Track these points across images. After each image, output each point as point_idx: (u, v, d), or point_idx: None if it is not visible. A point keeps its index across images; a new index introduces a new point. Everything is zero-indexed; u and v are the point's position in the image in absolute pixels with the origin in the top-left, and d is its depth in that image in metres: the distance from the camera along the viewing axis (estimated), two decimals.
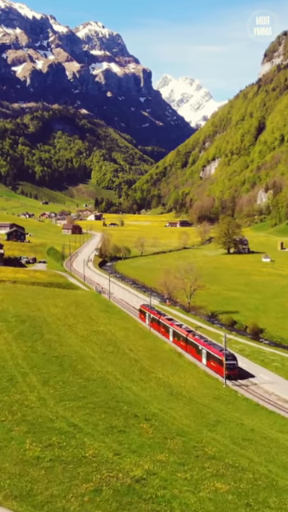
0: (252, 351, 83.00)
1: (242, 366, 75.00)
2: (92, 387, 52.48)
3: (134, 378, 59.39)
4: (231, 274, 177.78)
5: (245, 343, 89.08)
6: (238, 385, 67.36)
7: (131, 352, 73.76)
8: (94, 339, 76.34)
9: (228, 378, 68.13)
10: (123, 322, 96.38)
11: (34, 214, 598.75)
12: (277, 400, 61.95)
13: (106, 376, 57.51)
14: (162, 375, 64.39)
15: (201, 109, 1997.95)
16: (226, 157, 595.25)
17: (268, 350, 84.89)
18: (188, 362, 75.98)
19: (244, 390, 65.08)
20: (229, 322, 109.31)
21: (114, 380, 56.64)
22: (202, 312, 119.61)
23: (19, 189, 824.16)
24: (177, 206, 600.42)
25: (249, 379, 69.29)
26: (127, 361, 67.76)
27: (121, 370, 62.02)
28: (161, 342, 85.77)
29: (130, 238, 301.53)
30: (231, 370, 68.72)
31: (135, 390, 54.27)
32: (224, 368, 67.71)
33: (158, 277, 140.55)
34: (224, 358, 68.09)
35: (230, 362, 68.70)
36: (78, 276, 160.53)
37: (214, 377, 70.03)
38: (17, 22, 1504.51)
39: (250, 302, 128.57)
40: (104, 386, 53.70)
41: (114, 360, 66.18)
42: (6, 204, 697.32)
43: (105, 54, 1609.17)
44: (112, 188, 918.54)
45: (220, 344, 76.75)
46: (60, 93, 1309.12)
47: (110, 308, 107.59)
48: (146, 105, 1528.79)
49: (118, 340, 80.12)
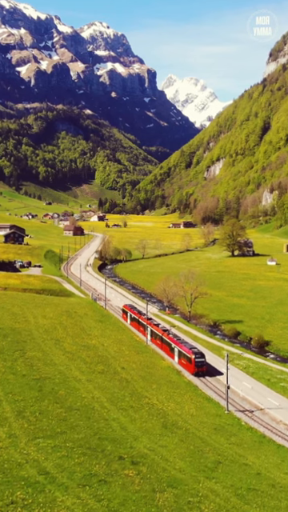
0: (257, 368, 75.72)
1: (247, 386, 67.99)
2: (73, 419, 45.55)
3: (124, 406, 52.27)
4: (235, 278, 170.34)
5: (249, 358, 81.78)
6: (242, 410, 60.21)
7: (123, 371, 66.61)
8: (82, 356, 69.25)
9: (196, 374, 71.72)
10: (118, 334, 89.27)
11: (37, 215, 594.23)
12: (286, 430, 54.77)
13: (91, 404, 50.47)
14: (156, 400, 57.22)
15: (205, 109, 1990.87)
16: (230, 157, 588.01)
17: (275, 367, 77.59)
18: (186, 382, 68.84)
19: (248, 418, 57.93)
20: (232, 333, 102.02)
21: (100, 409, 49.59)
22: (204, 321, 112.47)
23: (23, 189, 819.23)
24: (181, 207, 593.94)
25: (255, 405, 62.14)
26: (118, 383, 60.62)
27: (109, 394, 54.94)
28: (158, 358, 78.62)
29: (132, 240, 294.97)
30: (199, 367, 71.93)
31: (123, 422, 47.23)
32: (193, 365, 71.62)
33: (158, 281, 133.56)
34: (193, 355, 71.80)
35: (199, 360, 71.79)
36: (75, 281, 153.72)
37: (215, 400, 62.96)
38: (21, 23, 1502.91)
39: (255, 310, 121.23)
40: (87, 416, 46.75)
41: (102, 382, 59.06)
42: (9, 205, 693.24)
43: (109, 55, 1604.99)
44: (116, 188, 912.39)
45: (192, 343, 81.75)
46: (64, 93, 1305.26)
47: (104, 318, 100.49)
48: (151, 105, 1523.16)
49: (111, 356, 73.00)
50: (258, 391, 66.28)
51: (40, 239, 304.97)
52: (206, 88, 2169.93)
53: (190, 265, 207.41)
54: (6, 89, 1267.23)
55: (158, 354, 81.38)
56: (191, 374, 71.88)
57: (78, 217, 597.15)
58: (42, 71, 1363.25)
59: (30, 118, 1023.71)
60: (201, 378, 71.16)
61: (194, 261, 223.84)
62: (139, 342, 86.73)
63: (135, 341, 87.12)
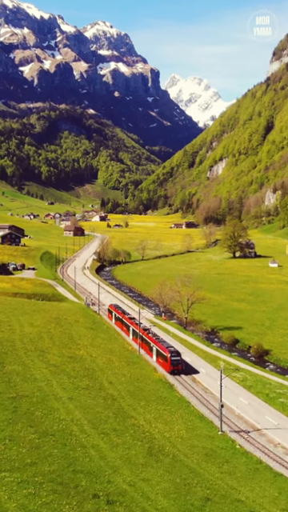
0: (255, 381, 70.93)
1: (244, 402, 63.31)
2: (47, 447, 40.93)
3: (106, 429, 47.55)
4: (236, 281, 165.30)
5: (247, 370, 76.98)
6: (237, 431, 55.41)
7: (110, 386, 61.91)
8: (67, 369, 64.58)
9: (172, 372, 72.96)
10: (109, 343, 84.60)
11: (39, 215, 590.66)
12: (284, 455, 49.99)
13: (70, 427, 45.79)
14: (142, 420, 52.50)
15: (209, 109, 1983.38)
16: (233, 157, 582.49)
17: (274, 380, 72.79)
18: (178, 398, 64.09)
19: (244, 440, 53.13)
20: (230, 341, 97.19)
21: (79, 433, 44.90)
22: (201, 327, 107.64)
23: (25, 189, 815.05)
24: (183, 207, 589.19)
25: (251, 424, 57.34)
26: (102, 400, 55.90)
27: (91, 415, 50.21)
28: (149, 370, 73.81)
29: (132, 240, 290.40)
30: (175, 366, 73.11)
31: (103, 449, 42.55)
32: (169, 363, 72.97)
33: (156, 284, 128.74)
34: (169, 354, 73.11)
35: (174, 358, 72.95)
36: (71, 284, 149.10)
37: (208, 419, 58.20)
38: (24, 22, 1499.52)
39: (255, 315, 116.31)
40: (63, 443, 42.11)
41: (85, 400, 54.33)
42: (11, 204, 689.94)
43: (112, 54, 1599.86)
44: (119, 188, 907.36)
45: (170, 342, 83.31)
46: (67, 93, 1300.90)
47: (96, 324, 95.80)
48: (154, 105, 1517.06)
49: (98, 368, 68.30)
50: (256, 408, 61.57)
51: (39, 240, 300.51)
52: (209, 88, 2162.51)
53: (189, 267, 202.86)
54: (9, 88, 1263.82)
55: (150, 365, 76.64)
56: (167, 373, 73.27)
57: (80, 217, 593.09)
58: (45, 71, 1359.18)
59: (33, 118, 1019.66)
60: (194, 394, 66.43)
61: (194, 262, 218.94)
62: (131, 352, 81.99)
63: (127, 350, 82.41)
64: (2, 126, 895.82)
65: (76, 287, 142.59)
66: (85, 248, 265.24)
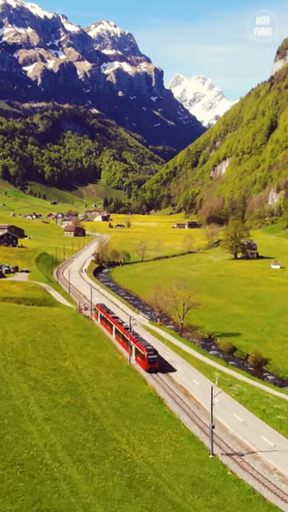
0: (252, 395, 66.17)
1: (238, 419, 58.63)
2: (12, 479, 36.54)
3: (83, 455, 42.97)
4: (236, 283, 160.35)
5: (244, 382, 72.20)
6: (230, 454, 50.72)
7: (94, 402, 57.33)
8: (48, 383, 60.11)
9: (149, 371, 73.90)
10: (98, 352, 79.98)
11: (42, 215, 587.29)
12: (280, 483, 45.32)
13: (42, 454, 41.32)
14: (125, 443, 47.91)
15: (213, 108, 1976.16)
16: (236, 156, 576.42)
17: (272, 394, 68.00)
18: (168, 415, 59.37)
19: (236, 465, 48.43)
20: (227, 349, 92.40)
21: (51, 461, 40.45)
22: (198, 334, 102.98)
23: (28, 189, 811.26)
24: (186, 207, 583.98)
25: (246, 446, 52.63)
26: (83, 420, 51.31)
27: (68, 439, 45.68)
28: (139, 383, 69.15)
29: (134, 241, 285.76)
30: (152, 364, 74.06)
31: (76, 481, 38.05)
32: (146, 361, 73.94)
33: (153, 287, 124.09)
34: (146, 352, 74.11)
35: (151, 357, 74.14)
36: (65, 287, 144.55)
37: (199, 440, 53.55)
38: (28, 22, 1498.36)
39: (255, 320, 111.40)
40: (31, 475, 37.70)
41: (63, 421, 49.77)
42: (13, 204, 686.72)
43: (116, 54, 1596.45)
44: (122, 188, 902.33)
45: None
46: (71, 92, 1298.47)
47: (87, 331, 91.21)
48: (158, 104, 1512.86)
49: (83, 382, 63.74)
50: (251, 426, 56.86)
51: (39, 240, 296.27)
52: (213, 87, 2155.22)
53: (189, 268, 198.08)
54: (13, 88, 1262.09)
55: (140, 377, 72.00)
56: (145, 371, 74.19)
57: (82, 217, 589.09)
58: (49, 70, 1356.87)
59: (36, 118, 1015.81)
60: (185, 410, 61.77)
61: (194, 264, 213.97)
62: (121, 362, 77.29)
63: (117, 360, 77.73)
64: (5, 126, 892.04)
65: (70, 290, 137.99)
66: (84, 249, 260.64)
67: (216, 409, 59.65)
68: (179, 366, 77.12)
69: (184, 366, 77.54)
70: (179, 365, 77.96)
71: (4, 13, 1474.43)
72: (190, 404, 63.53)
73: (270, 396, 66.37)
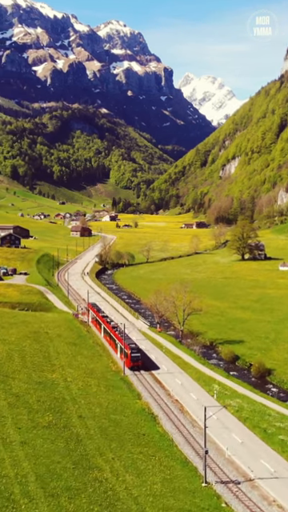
0: (253, 411, 61.23)
1: (236, 440, 53.71)
2: None
3: (58, 488, 38.15)
4: (242, 286, 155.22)
5: (244, 395, 67.25)
6: (225, 481, 45.77)
7: (79, 421, 52.56)
8: (31, 399, 55.44)
9: (132, 368, 74.74)
10: (91, 362, 75.27)
11: (50, 215, 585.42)
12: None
13: (10, 487, 36.75)
14: (109, 472, 43.07)
15: (223, 107, 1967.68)
16: (246, 155, 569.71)
17: (274, 409, 63.03)
18: (161, 434, 54.49)
19: (232, 495, 43.44)
20: (229, 358, 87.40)
21: (20, 497, 35.82)
22: (199, 340, 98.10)
23: (37, 189, 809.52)
24: (195, 207, 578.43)
25: (243, 473, 47.68)
26: (64, 444, 46.53)
27: (44, 467, 40.97)
28: (132, 397, 64.32)
29: (140, 241, 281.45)
30: (135, 362, 75.09)
31: None
32: (129, 359, 75.04)
33: (158, 289, 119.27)
34: (129, 350, 75.41)
35: (134, 355, 75.19)
36: (65, 289, 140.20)
37: (192, 464, 48.66)
38: (38, 22, 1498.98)
39: (259, 326, 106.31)
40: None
41: (42, 445, 45.07)
42: (22, 204, 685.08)
43: (126, 53, 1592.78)
44: (130, 188, 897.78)
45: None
46: (80, 92, 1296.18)
47: (81, 339, 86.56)
48: (167, 104, 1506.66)
49: (70, 397, 59.05)
50: (250, 448, 51.92)
51: (44, 241, 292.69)
52: (223, 86, 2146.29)
53: (195, 270, 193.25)
54: (23, 88, 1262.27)
55: (135, 390, 67.23)
56: (128, 368, 74.90)
57: (90, 217, 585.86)
58: (58, 70, 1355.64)
59: (45, 117, 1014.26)
60: (180, 428, 56.90)
61: (200, 265, 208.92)
62: (115, 373, 72.39)
63: (110, 371, 72.87)
64: (15, 126, 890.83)
65: (69, 294, 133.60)
66: (89, 249, 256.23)
67: (213, 427, 55.07)
68: (177, 378, 72.37)
69: (182, 378, 72.74)
70: (177, 376, 73.21)
71: (14, 13, 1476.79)
72: (185, 421, 58.71)
73: (272, 413, 61.38)
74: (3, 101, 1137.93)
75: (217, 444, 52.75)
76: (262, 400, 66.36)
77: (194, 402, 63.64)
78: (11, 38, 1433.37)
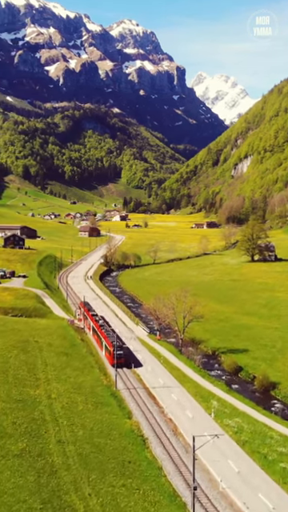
0: (253, 433, 55.56)
1: (233, 468, 48.06)
2: None
3: None
4: (250, 289, 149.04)
5: (245, 413, 61.53)
6: None
7: (58, 448, 47.18)
8: (6, 422, 50.18)
9: (114, 365, 73.11)
10: (81, 374, 69.84)
11: (60, 215, 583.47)
12: None
13: None
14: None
15: (236, 106, 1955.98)
16: (258, 154, 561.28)
17: (277, 431, 57.26)
18: (149, 460, 48.92)
19: None
20: (232, 369, 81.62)
21: None
22: (201, 349, 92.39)
23: (48, 188, 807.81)
24: (206, 206, 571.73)
25: (238, 511, 42.05)
26: (34, 477, 41.19)
27: (5, 508, 35.77)
28: (121, 416, 58.73)
29: (149, 241, 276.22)
30: (118, 359, 74.07)
31: None
32: (112, 356, 74.83)
33: (162, 292, 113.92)
34: (112, 348, 75.42)
35: (118, 352, 74.77)
36: (65, 293, 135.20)
37: (182, 499, 43.04)
38: (51, 22, 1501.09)
39: (266, 333, 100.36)
40: None
41: (8, 479, 39.80)
42: (33, 204, 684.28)
43: (138, 52, 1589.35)
44: (142, 187, 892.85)
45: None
46: (92, 92, 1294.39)
47: (73, 348, 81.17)
48: (180, 103, 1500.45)
49: (52, 417, 53.73)
50: (247, 479, 46.25)
51: (51, 241, 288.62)
52: (236, 85, 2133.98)
53: (202, 272, 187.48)
54: (35, 88, 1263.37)
55: (126, 407, 61.69)
56: (111, 365, 75.65)
57: (101, 216, 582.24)
58: (71, 70, 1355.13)
59: (57, 117, 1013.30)
60: (171, 454, 51.30)
61: (208, 267, 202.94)
62: (106, 388, 66.74)
63: (101, 385, 67.24)
64: (26, 126, 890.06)
65: (69, 297, 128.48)
66: (96, 250, 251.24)
67: (207, 452, 49.59)
68: (173, 393, 66.79)
69: (178, 393, 67.15)
70: (173, 391, 67.63)
71: (27, 13, 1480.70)
72: (177, 445, 53.11)
73: (274, 435, 55.62)
74: (16, 101, 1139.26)
75: (211, 474, 47.18)
76: (264, 419, 60.58)
77: (188, 422, 58.09)
78: (24, 38, 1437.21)
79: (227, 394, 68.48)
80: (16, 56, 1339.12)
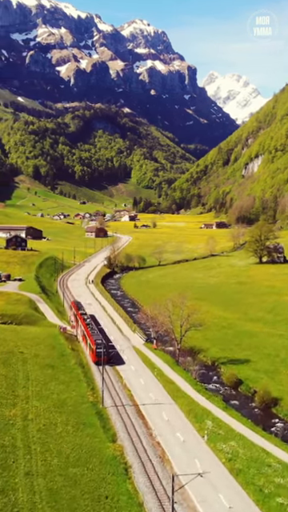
0: (249, 460, 49.82)
1: (224, 504, 42.46)
2: None
3: None
4: (256, 293, 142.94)
5: (242, 435, 55.72)
6: None
7: (24, 481, 41.83)
8: None
9: (97, 363, 75.01)
10: (66, 389, 64.42)
11: (70, 215, 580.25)
12: None
13: None
14: None
15: (248, 105, 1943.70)
16: (269, 154, 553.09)
17: (276, 456, 51.41)
18: (130, 494, 43.29)
19: None
20: (231, 382, 75.69)
21: None
22: (200, 359, 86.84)
23: (58, 189, 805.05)
24: (217, 206, 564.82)
25: None
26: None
27: None
28: (104, 438, 53.05)
29: (156, 242, 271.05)
30: (99, 357, 74.27)
31: None
32: (94, 354, 76.13)
33: (164, 295, 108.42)
34: (94, 346, 76.14)
35: (99, 350, 75.30)
36: (63, 297, 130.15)
37: None
38: (62, 22, 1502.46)
39: (270, 341, 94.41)
40: None
41: None
42: (42, 204, 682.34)
43: (149, 52, 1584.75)
44: (152, 187, 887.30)
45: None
46: (103, 92, 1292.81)
47: (61, 360, 75.69)
48: (191, 102, 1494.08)
49: (24, 443, 48.41)
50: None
51: (57, 242, 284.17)
52: (248, 84, 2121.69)
53: (208, 274, 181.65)
54: (46, 88, 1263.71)
55: (111, 429, 56.01)
56: (93, 363, 76.82)
57: (110, 217, 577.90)
58: (82, 70, 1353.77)
59: (67, 117, 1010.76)
60: (155, 487, 45.67)
61: (214, 269, 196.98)
62: (91, 405, 60.95)
63: (86, 402, 61.57)
64: (37, 126, 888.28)
65: (66, 301, 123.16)
66: (101, 251, 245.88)
67: (196, 484, 43.98)
68: (164, 411, 61.26)
69: (170, 411, 61.60)
70: (165, 408, 62.09)
71: (38, 13, 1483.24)
72: (163, 475, 47.43)
73: (272, 462, 49.81)
74: (27, 101, 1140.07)
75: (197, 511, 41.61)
76: (263, 442, 54.72)
77: (178, 447, 52.48)
78: (35, 39, 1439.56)
79: (224, 411, 62.65)
80: (27, 56, 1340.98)
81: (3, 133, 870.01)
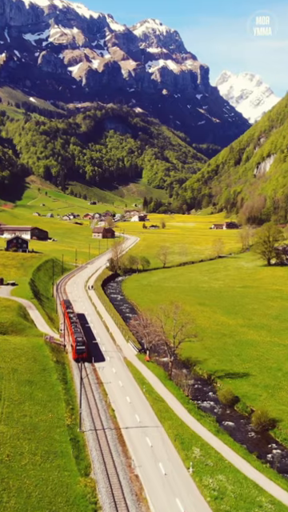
0: (237, 499, 43.34)
1: None
2: None
3: None
4: (262, 297, 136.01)
5: (232, 466, 49.17)
6: None
7: None
8: None
9: (77, 360, 77.13)
10: (41, 410, 58.25)
11: (79, 215, 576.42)
12: None
13: None
14: None
15: (261, 105, 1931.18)
16: (281, 153, 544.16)
17: (269, 493, 44.82)
18: None
19: None
20: (227, 400, 68.88)
21: None
22: (196, 372, 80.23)
23: (69, 189, 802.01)
24: (228, 206, 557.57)
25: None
26: None
27: None
28: (75, 472, 46.36)
29: (164, 243, 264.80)
30: (79, 354, 76.97)
31: None
32: (74, 351, 78.05)
33: (164, 301, 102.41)
34: (75, 343, 77.83)
35: (79, 348, 77.38)
36: (58, 302, 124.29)
37: None
38: (74, 22, 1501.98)
39: (273, 352, 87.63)
40: None
41: None
42: (53, 204, 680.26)
43: (161, 52, 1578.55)
44: (163, 187, 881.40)
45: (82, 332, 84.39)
46: (115, 92, 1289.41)
47: (42, 374, 69.50)
48: (203, 102, 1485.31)
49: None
50: None
51: (63, 243, 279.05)
52: (261, 83, 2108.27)
53: (213, 277, 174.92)
54: (58, 89, 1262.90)
55: (85, 459, 49.74)
56: (73, 360, 78.74)
57: (119, 217, 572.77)
58: (94, 70, 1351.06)
59: (79, 117, 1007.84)
60: None
61: (220, 271, 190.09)
62: (67, 429, 54.55)
63: (62, 426, 55.27)
64: (48, 126, 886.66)
65: (60, 308, 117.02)
66: (106, 252, 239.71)
67: None
68: (148, 436, 54.88)
69: (155, 436, 55.20)
70: (149, 433, 55.69)
71: (50, 14, 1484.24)
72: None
73: (264, 501, 43.27)
74: (39, 101, 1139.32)
75: None
76: (256, 475, 48.17)
77: (159, 482, 46.04)
78: (47, 39, 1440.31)
79: (215, 436, 56.15)
80: (39, 57, 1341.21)
81: (15, 133, 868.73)
